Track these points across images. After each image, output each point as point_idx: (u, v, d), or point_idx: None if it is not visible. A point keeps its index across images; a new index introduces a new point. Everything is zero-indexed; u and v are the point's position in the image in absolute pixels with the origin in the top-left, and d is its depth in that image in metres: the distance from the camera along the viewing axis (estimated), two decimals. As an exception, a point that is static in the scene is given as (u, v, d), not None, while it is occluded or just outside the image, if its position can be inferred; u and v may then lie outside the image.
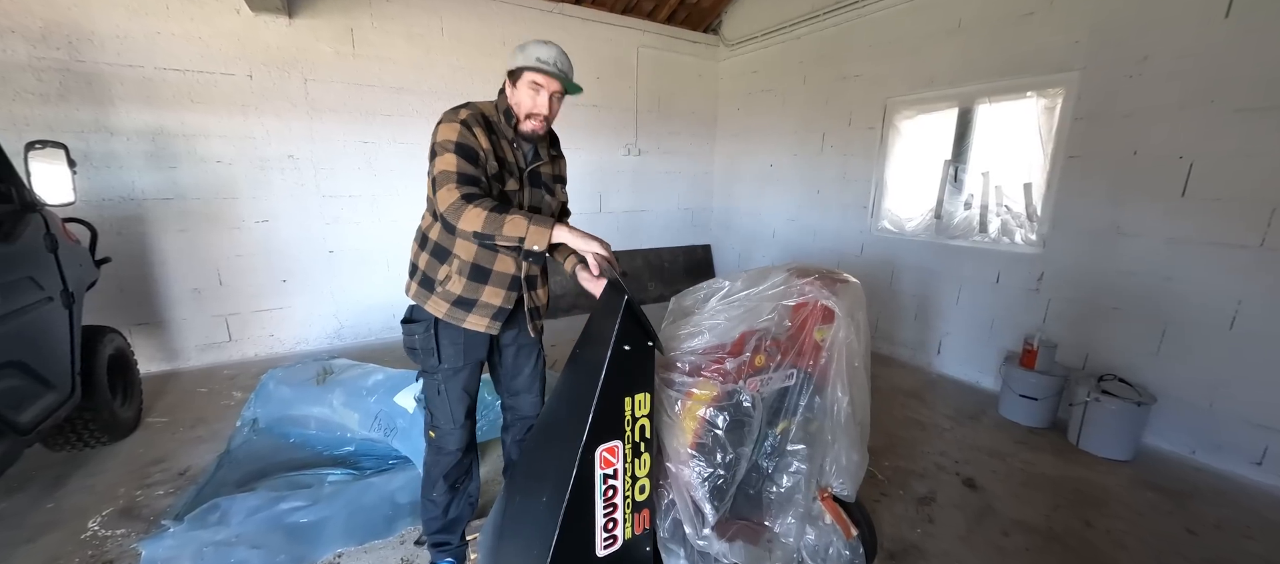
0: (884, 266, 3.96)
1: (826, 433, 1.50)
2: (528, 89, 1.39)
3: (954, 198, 3.49)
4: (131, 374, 2.65)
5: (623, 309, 1.22)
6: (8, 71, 2.78)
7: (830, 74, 4.24)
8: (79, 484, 2.15)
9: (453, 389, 1.51)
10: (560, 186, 1.62)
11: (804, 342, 1.50)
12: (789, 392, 1.49)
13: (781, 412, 1.48)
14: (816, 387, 1.51)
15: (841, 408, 1.47)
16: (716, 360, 1.45)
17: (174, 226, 3.29)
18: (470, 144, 1.35)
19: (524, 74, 1.38)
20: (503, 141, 1.44)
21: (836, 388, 1.48)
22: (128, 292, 3.22)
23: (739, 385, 1.40)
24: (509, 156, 1.45)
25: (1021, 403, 2.82)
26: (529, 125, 1.43)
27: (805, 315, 1.51)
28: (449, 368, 1.49)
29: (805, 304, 1.50)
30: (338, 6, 3.54)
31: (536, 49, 1.37)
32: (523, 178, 1.47)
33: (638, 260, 5.29)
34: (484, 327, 1.48)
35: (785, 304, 1.51)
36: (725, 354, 1.46)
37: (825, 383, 1.50)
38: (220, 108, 3.30)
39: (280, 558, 1.74)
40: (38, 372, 1.86)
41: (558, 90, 1.42)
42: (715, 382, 1.41)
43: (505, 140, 1.44)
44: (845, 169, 4.21)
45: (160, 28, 3.08)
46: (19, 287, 1.82)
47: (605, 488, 1.25)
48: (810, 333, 1.51)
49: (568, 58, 1.43)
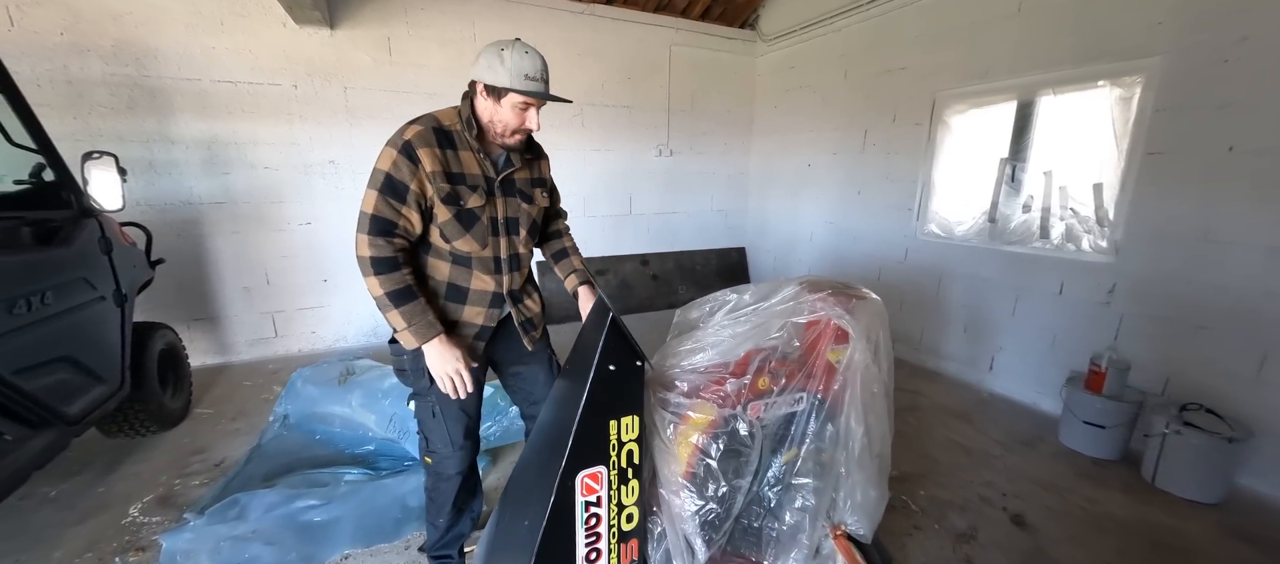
0: (930, 274, 3.67)
1: (840, 465, 1.36)
2: (515, 110, 1.28)
3: (1011, 200, 3.18)
4: (182, 368, 2.83)
5: (608, 327, 1.14)
6: (84, 88, 3.05)
7: (873, 67, 3.98)
8: (128, 470, 2.31)
9: (449, 410, 1.43)
10: (540, 191, 1.50)
11: (815, 363, 1.37)
12: (796, 418, 1.36)
13: (788, 439, 1.35)
14: (829, 413, 1.37)
15: (856, 439, 1.33)
16: (717, 381, 1.35)
17: (227, 229, 3.51)
18: (399, 178, 1.24)
19: (509, 94, 1.26)
20: (464, 153, 1.32)
21: (851, 416, 1.34)
22: (186, 289, 3.46)
23: (737, 411, 1.30)
24: (472, 168, 1.33)
25: (1086, 431, 2.51)
26: (514, 140, 1.35)
27: (817, 335, 1.38)
28: (442, 389, 1.38)
29: (817, 322, 1.37)
30: (376, 16, 3.67)
31: (520, 63, 1.23)
32: (493, 188, 1.37)
33: (669, 263, 5.19)
34: (481, 320, 1.43)
35: (795, 321, 1.38)
36: (727, 375, 1.35)
37: (838, 410, 1.36)
38: (268, 116, 3.48)
39: (291, 556, 1.79)
40: (87, 366, 2.00)
41: (539, 105, 1.32)
42: (713, 405, 1.31)
43: (468, 151, 1.32)
44: (888, 168, 3.93)
45: (215, 43, 3.29)
46: (72, 286, 1.96)
47: (587, 516, 1.17)
48: (822, 354, 1.37)
49: (542, 60, 1.29)
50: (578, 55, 4.40)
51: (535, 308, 1.57)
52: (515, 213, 1.43)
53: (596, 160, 4.66)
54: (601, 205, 4.79)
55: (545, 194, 1.54)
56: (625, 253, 5.00)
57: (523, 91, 1.24)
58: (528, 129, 1.33)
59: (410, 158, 1.23)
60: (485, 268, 1.40)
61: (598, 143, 4.63)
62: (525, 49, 1.26)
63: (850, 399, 1.32)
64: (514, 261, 1.45)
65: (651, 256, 5.11)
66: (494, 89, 1.26)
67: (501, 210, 1.40)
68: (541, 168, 1.54)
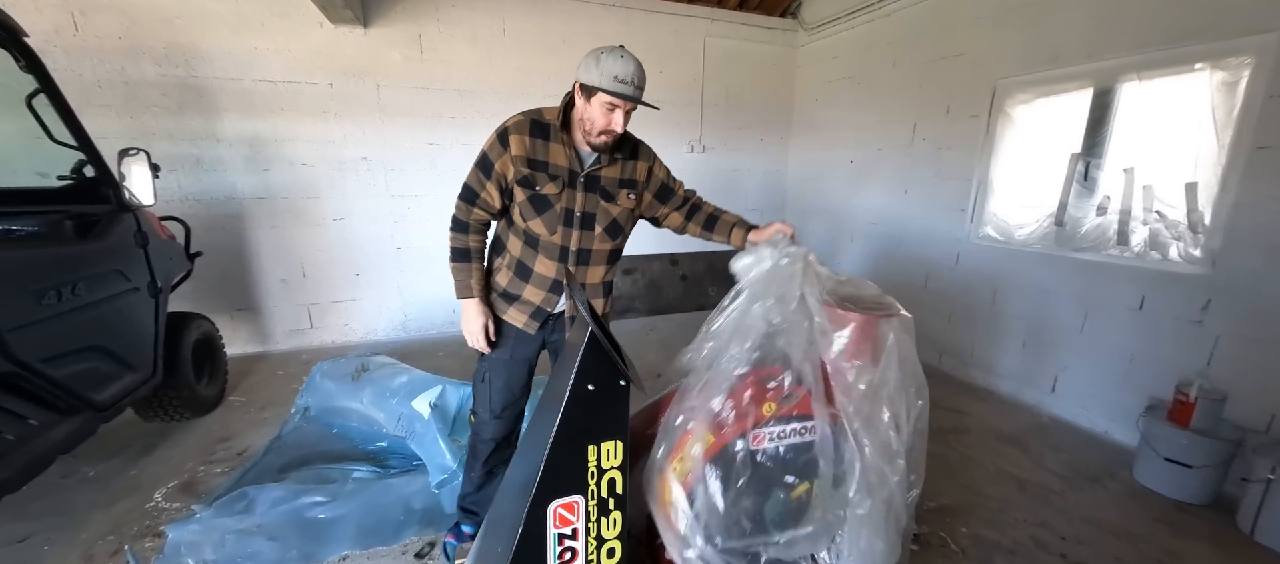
0: (985, 281, 3.33)
1: (858, 506, 1.19)
2: (602, 109, 1.36)
3: (1083, 200, 2.82)
4: (217, 357, 2.95)
5: (585, 341, 1.02)
6: (139, 89, 3.23)
7: (925, 55, 3.65)
8: (161, 455, 2.41)
9: (495, 379, 1.59)
10: (627, 192, 1.53)
11: (834, 387, 1.20)
12: (809, 448, 1.19)
13: (798, 471, 1.19)
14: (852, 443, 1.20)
15: (875, 476, 1.15)
16: (730, 397, 1.20)
17: (266, 223, 3.65)
18: (491, 157, 1.43)
19: (598, 93, 1.34)
20: (553, 145, 1.43)
21: (870, 448, 1.16)
22: (229, 280, 3.63)
23: (738, 438, 1.15)
24: (558, 159, 1.44)
25: (1168, 469, 2.18)
26: (600, 140, 1.41)
27: (839, 354, 1.20)
28: (495, 357, 1.57)
29: (840, 339, 1.19)
30: (408, 14, 3.70)
31: (613, 65, 1.31)
32: (577, 182, 1.45)
33: (700, 264, 5.01)
34: (522, 323, 1.56)
35: (815, 337, 1.21)
36: (733, 393, 1.20)
37: (859, 441, 1.18)
38: (305, 114, 3.59)
39: (292, 553, 1.78)
40: (118, 354, 2.08)
41: (630, 108, 1.38)
42: (709, 429, 1.17)
43: (558, 144, 1.43)
44: (940, 166, 3.60)
45: (257, 43, 3.40)
46: (106, 278, 2.04)
47: (561, 550, 1.06)
48: (845, 376, 1.20)
49: (643, 69, 1.37)
50: (608, 49, 4.29)
51: (596, 305, 1.61)
52: (593, 208, 1.49)
53: (626, 157, 4.53)
54: None
55: (633, 195, 1.55)
56: (654, 252, 4.86)
57: (610, 91, 1.31)
58: (613, 130, 1.38)
59: (502, 141, 1.42)
60: (550, 254, 1.50)
61: (627, 139, 4.50)
62: (621, 54, 1.32)
63: (873, 429, 1.14)
64: (583, 256, 1.53)
65: (681, 257, 4.95)
66: (586, 88, 1.35)
67: (579, 204, 1.47)
68: (636, 169, 1.56)
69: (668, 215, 1.70)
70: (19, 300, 1.64)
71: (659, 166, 1.64)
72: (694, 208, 1.70)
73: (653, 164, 1.61)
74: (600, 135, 1.39)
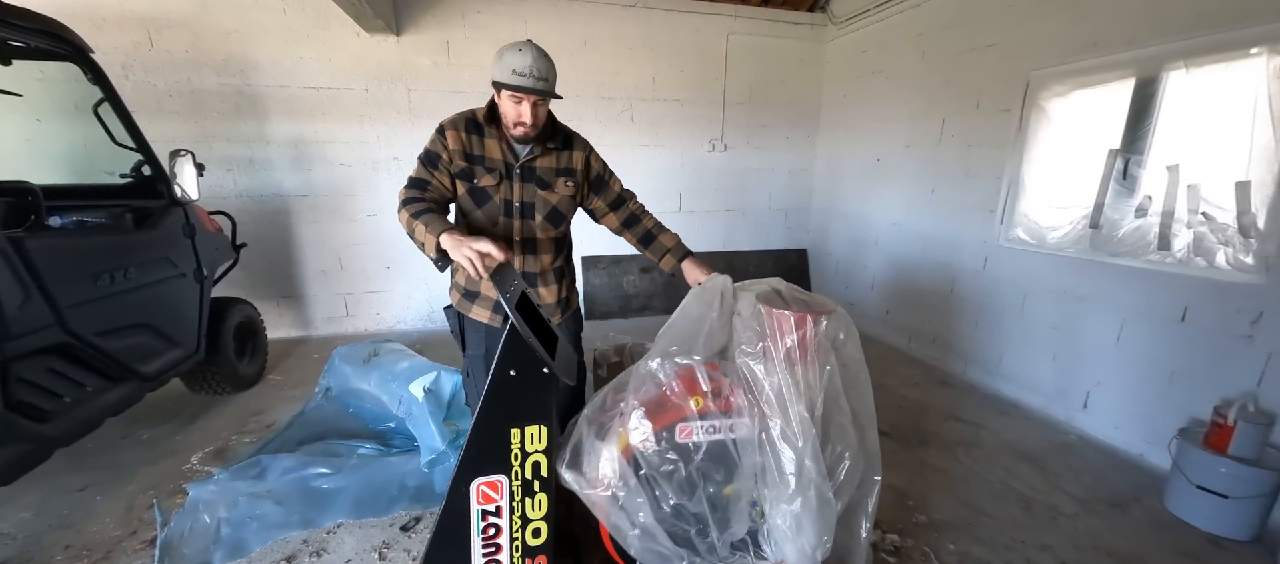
0: (1013, 287, 3.11)
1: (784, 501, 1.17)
2: (509, 101, 1.41)
3: (1121, 200, 2.58)
4: (258, 338, 3.25)
5: (506, 331, 1.08)
6: (202, 97, 3.61)
7: (955, 46, 3.45)
8: (202, 423, 2.69)
9: (477, 375, 1.63)
10: (564, 180, 1.57)
11: (763, 385, 1.19)
12: (736, 446, 1.19)
13: (725, 466, 1.19)
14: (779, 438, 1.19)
15: (800, 470, 1.13)
16: (663, 390, 1.22)
17: (308, 218, 3.97)
18: (434, 149, 1.51)
19: (503, 88, 1.39)
20: (489, 141, 1.49)
21: (803, 443, 1.14)
22: (275, 270, 3.98)
23: (664, 431, 1.16)
24: (494, 153, 1.50)
25: (1201, 499, 1.97)
26: (519, 132, 1.45)
27: (770, 350, 1.19)
28: (472, 354, 1.64)
29: (771, 335, 1.19)
30: (436, 21, 3.91)
31: (511, 59, 1.36)
32: (512, 173, 1.51)
33: (720, 264, 4.90)
34: (487, 319, 1.59)
35: (747, 332, 1.21)
36: (670, 389, 1.22)
37: (786, 437, 1.17)
38: (343, 117, 3.87)
39: (294, 517, 1.95)
40: (164, 332, 2.35)
41: (538, 101, 1.41)
42: (643, 421, 1.19)
43: (493, 139, 1.49)
44: (968, 163, 3.40)
45: (302, 53, 3.71)
46: (155, 264, 2.32)
47: (484, 525, 1.12)
48: (775, 374, 1.19)
49: (547, 59, 1.40)
50: (628, 50, 4.35)
51: (547, 297, 1.65)
52: (531, 198, 1.54)
53: (644, 156, 4.58)
54: (649, 203, 4.55)
55: (571, 183, 1.58)
56: (673, 251, 4.87)
57: (508, 85, 1.37)
58: (525, 122, 1.42)
59: (441, 135, 1.50)
60: None
61: (646, 138, 4.55)
62: (520, 48, 1.37)
63: (788, 428, 1.12)
64: (528, 245, 1.58)
65: (702, 256, 4.92)
66: (495, 84, 1.42)
67: (517, 194, 1.52)
68: (572, 158, 1.60)
69: (604, 213, 1.73)
70: (77, 281, 1.90)
71: (595, 158, 1.67)
72: (633, 217, 1.74)
73: (588, 154, 1.64)
74: (516, 128, 1.44)
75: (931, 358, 3.71)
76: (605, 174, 1.69)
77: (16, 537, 1.86)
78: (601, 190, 1.69)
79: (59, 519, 1.95)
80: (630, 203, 1.74)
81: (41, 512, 1.99)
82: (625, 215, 1.73)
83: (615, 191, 1.71)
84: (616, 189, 1.72)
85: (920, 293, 3.84)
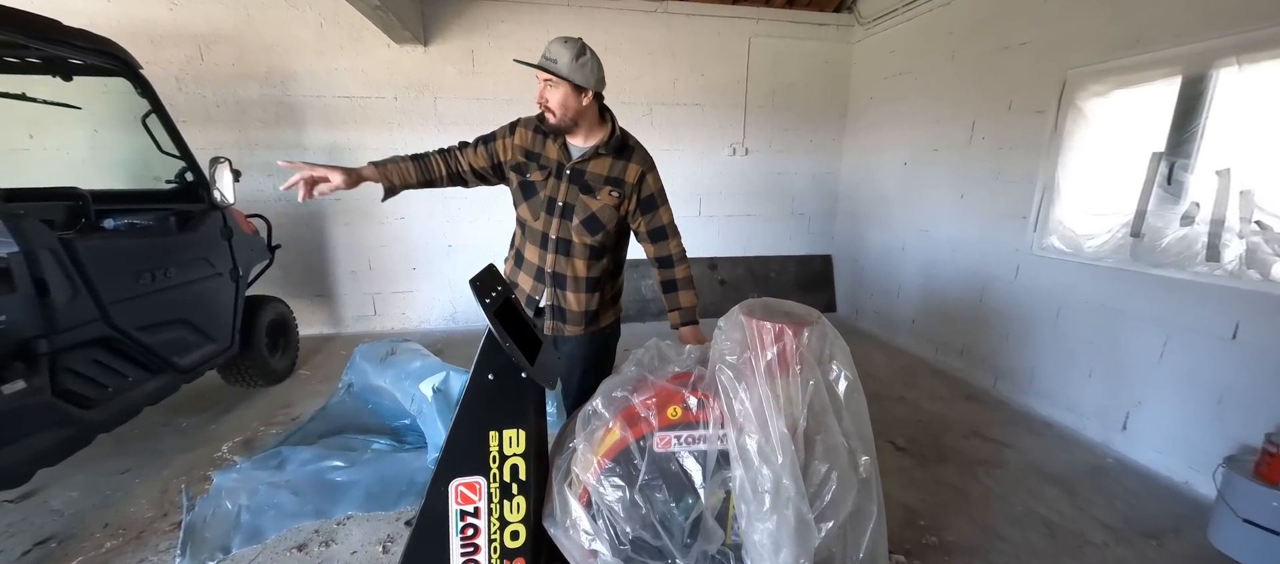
0: (1047, 298, 2.94)
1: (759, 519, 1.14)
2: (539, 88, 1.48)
3: (1165, 208, 2.40)
4: (290, 335, 3.42)
5: (485, 335, 1.10)
6: (246, 106, 3.84)
7: (987, 44, 3.30)
8: (235, 415, 2.86)
9: None
10: (610, 189, 1.55)
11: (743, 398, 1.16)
12: (719, 458, 1.17)
13: (702, 479, 1.17)
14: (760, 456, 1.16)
15: (778, 488, 1.10)
16: (642, 398, 1.22)
17: (340, 221, 4.17)
18: (496, 132, 1.64)
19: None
20: (549, 141, 1.57)
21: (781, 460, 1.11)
22: (310, 270, 4.19)
23: (641, 440, 1.16)
24: (551, 154, 1.56)
25: (1249, 534, 1.80)
26: (544, 119, 1.50)
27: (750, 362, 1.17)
28: None
29: (751, 347, 1.16)
30: (462, 32, 4.03)
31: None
32: (562, 172, 1.55)
33: (740, 269, 4.91)
34: None
35: (727, 342, 1.19)
36: (646, 395, 1.22)
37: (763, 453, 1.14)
38: (374, 125, 4.05)
39: (308, 507, 2.05)
40: (200, 327, 2.51)
41: (545, 78, 1.44)
42: (619, 429, 1.19)
43: (551, 139, 1.56)
44: (1000, 167, 3.24)
45: (337, 64, 3.90)
46: (194, 264, 2.48)
47: (463, 526, 1.15)
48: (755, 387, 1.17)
49: (562, 45, 1.43)
50: (649, 55, 4.36)
51: (574, 304, 1.62)
52: (572, 200, 1.55)
53: (664, 160, 4.43)
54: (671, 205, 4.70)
55: (616, 194, 1.56)
56: (692, 255, 4.83)
57: (530, 64, 1.45)
58: (540, 100, 1.47)
59: (511, 128, 1.62)
60: (535, 239, 1.61)
61: (666, 142, 4.54)
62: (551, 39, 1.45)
63: (766, 443, 1.09)
64: (562, 245, 1.58)
65: (721, 261, 4.88)
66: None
67: (562, 193, 1.55)
68: (627, 170, 1.58)
69: (642, 238, 1.68)
70: (120, 280, 2.05)
71: (652, 178, 1.62)
72: (666, 259, 1.68)
73: (646, 172, 1.60)
74: (544, 114, 1.50)
75: (959, 370, 3.54)
76: (658, 199, 1.64)
77: (64, 514, 2.02)
78: (647, 213, 1.63)
79: (102, 499, 2.11)
80: (671, 243, 1.67)
81: (87, 491, 2.16)
82: (660, 252, 1.68)
83: (661, 222, 1.65)
84: (663, 220, 1.65)
85: (948, 302, 3.68)
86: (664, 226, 1.66)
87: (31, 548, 1.83)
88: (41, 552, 1.82)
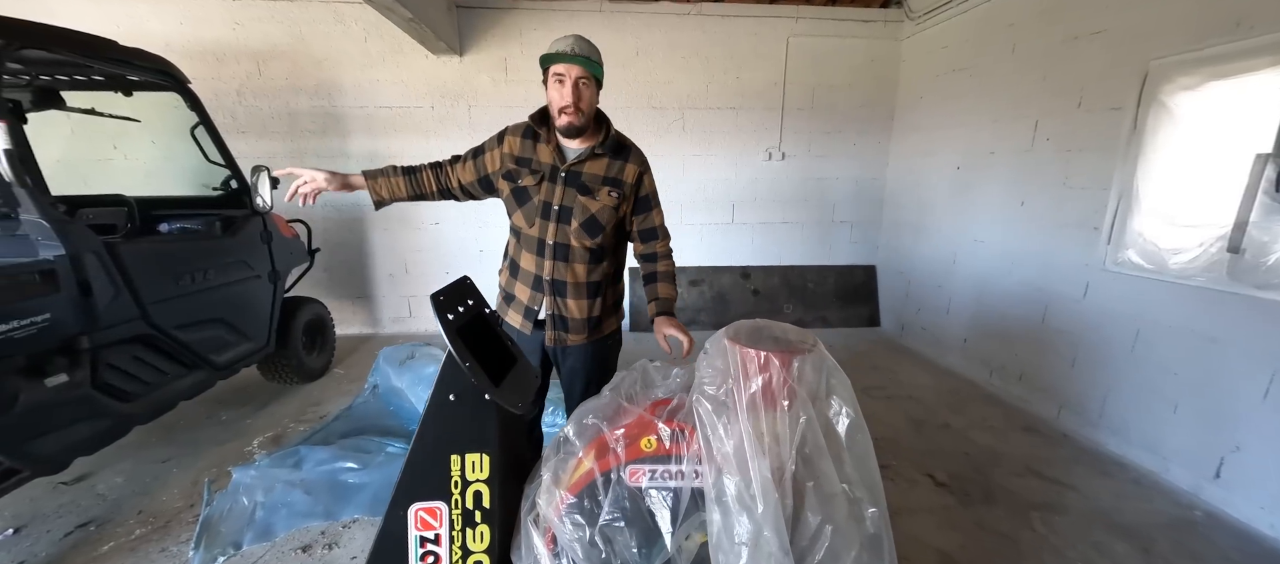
0: (1123, 321, 2.58)
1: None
2: (554, 85, 1.41)
3: (1273, 219, 2.03)
4: (326, 335, 3.57)
5: (445, 355, 1.05)
6: (297, 117, 4.07)
7: (1053, 35, 2.97)
8: (270, 410, 3.00)
9: None
10: (608, 190, 1.52)
11: (722, 433, 1.04)
12: (693, 497, 1.05)
13: (679, 524, 1.06)
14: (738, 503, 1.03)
15: (760, 544, 0.97)
16: (618, 427, 1.13)
17: (380, 226, 4.33)
18: (484, 145, 1.60)
19: (547, 72, 1.41)
20: (541, 146, 1.51)
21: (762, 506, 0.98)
22: (352, 272, 4.38)
23: (609, 473, 1.06)
24: (543, 157, 1.51)
25: (1383, 621, 1.46)
26: (563, 120, 1.43)
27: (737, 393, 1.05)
28: None
29: (735, 378, 1.04)
30: (495, 41, 4.10)
31: (555, 43, 1.39)
32: (557, 175, 1.50)
33: (774, 278, 4.69)
34: (518, 324, 1.60)
35: (709, 371, 1.08)
36: (624, 423, 1.12)
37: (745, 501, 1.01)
38: (411, 133, 4.18)
39: (319, 508, 2.09)
40: (237, 326, 2.65)
41: (581, 75, 1.39)
42: (591, 461, 1.10)
43: (545, 144, 1.51)
44: (1067, 171, 2.89)
45: (379, 76, 4.07)
46: (233, 266, 2.62)
47: (423, 552, 1.10)
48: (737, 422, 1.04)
49: (589, 42, 1.40)
50: (681, 59, 4.26)
51: (576, 311, 1.57)
52: (570, 202, 1.50)
53: (696, 166, 4.45)
54: (699, 213, 4.57)
55: (615, 194, 1.53)
56: (723, 264, 4.68)
57: (550, 59, 1.38)
58: (568, 103, 1.39)
59: (499, 138, 1.58)
60: (531, 247, 1.55)
61: (698, 147, 4.42)
62: (566, 36, 1.39)
63: (744, 486, 0.97)
64: (560, 250, 1.53)
65: (754, 270, 4.69)
66: (542, 65, 1.43)
67: (557, 197, 1.49)
68: (625, 170, 1.56)
69: (633, 235, 1.69)
70: (161, 281, 2.19)
71: (648, 178, 1.62)
72: (653, 254, 1.69)
73: (643, 172, 1.60)
74: (561, 115, 1.41)
75: (1017, 398, 3.19)
76: (653, 200, 1.65)
77: (107, 498, 2.17)
78: (641, 213, 1.64)
79: (141, 486, 2.25)
80: (659, 243, 1.69)
81: (130, 478, 2.31)
82: (647, 250, 1.69)
83: (653, 223, 1.67)
84: (655, 221, 1.67)
85: (1006, 321, 3.33)
86: (655, 228, 1.68)
87: (73, 530, 1.97)
88: (81, 534, 1.95)
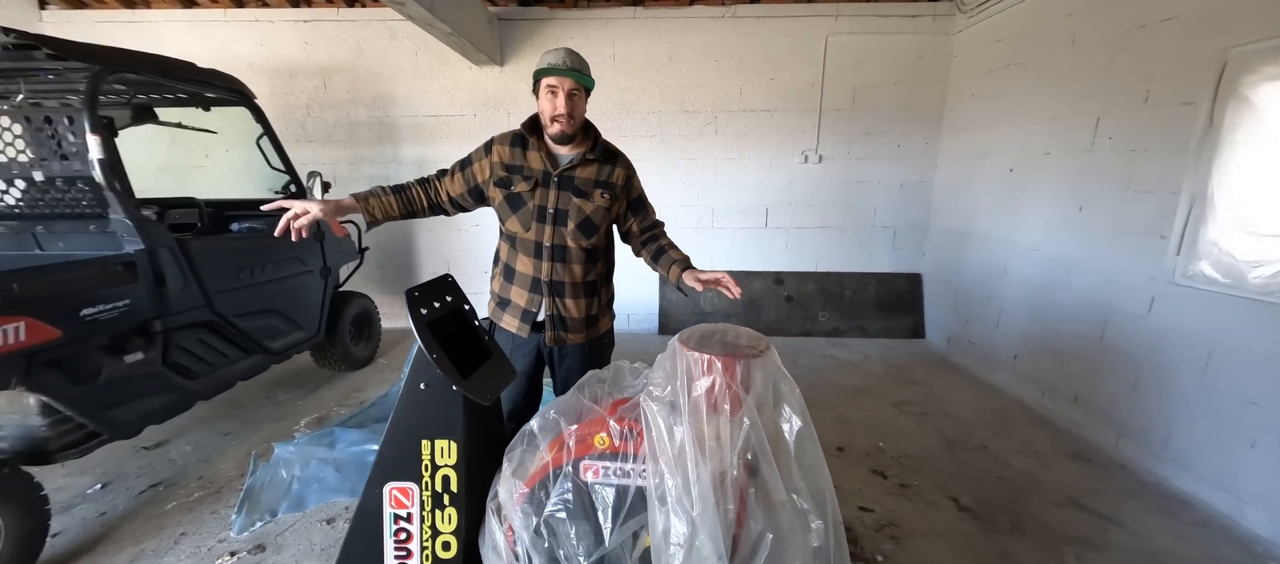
0: (1194, 341, 2.30)
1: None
2: (546, 95, 1.48)
3: (1377, 229, 1.74)
4: (373, 327, 3.86)
5: (414, 347, 1.13)
6: (356, 127, 4.44)
7: (1117, 24, 2.70)
8: (318, 394, 3.29)
9: None
10: (601, 192, 1.59)
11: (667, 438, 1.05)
12: (637, 496, 1.07)
13: (619, 521, 1.08)
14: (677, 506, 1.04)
15: (694, 550, 0.97)
16: (577, 422, 1.17)
17: (425, 228, 4.63)
18: (472, 156, 1.65)
19: (539, 83, 1.49)
20: (531, 153, 1.56)
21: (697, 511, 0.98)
22: (401, 270, 4.71)
23: (563, 467, 1.10)
24: (534, 164, 1.56)
25: None
26: (555, 128, 1.50)
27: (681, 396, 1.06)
28: None
29: (681, 379, 1.05)
30: (534, 49, 4.27)
31: (547, 57, 1.48)
32: (550, 181, 1.55)
33: (809, 285, 4.54)
34: (515, 328, 1.65)
35: (658, 373, 1.10)
36: (577, 422, 1.16)
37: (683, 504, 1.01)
38: (455, 140, 4.44)
39: (346, 484, 2.27)
40: (290, 316, 2.94)
41: (573, 86, 1.47)
42: (549, 453, 1.14)
43: (535, 151, 1.56)
44: (1131, 174, 2.61)
45: (428, 87, 4.36)
46: (288, 262, 2.92)
47: (396, 529, 1.18)
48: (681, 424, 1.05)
49: (579, 55, 1.49)
50: (714, 62, 4.24)
51: (574, 310, 1.63)
52: (565, 205, 1.56)
53: (728, 169, 4.41)
54: (732, 217, 4.52)
55: (608, 195, 1.60)
56: (757, 269, 4.59)
57: (542, 72, 1.46)
58: (561, 113, 1.47)
59: (486, 148, 1.62)
60: (527, 250, 1.59)
61: (731, 151, 4.37)
62: (554, 49, 1.49)
63: (683, 491, 0.97)
64: (557, 252, 1.58)
65: (788, 276, 4.56)
66: (534, 77, 1.51)
67: (552, 200, 1.55)
68: (614, 174, 1.63)
69: (635, 236, 1.77)
70: (224, 273, 2.47)
71: (636, 179, 1.72)
72: (653, 238, 1.76)
73: (631, 174, 1.69)
74: (553, 123, 1.48)
75: (1070, 422, 2.90)
76: (645, 198, 1.76)
77: (176, 463, 2.47)
78: (638, 213, 1.74)
79: (205, 455, 2.55)
80: (657, 229, 1.78)
81: (198, 447, 2.62)
82: (653, 233, 1.77)
83: (652, 218, 1.77)
84: (652, 216, 1.78)
85: (1060, 337, 3.05)
86: (654, 222, 1.78)
87: (146, 489, 2.27)
88: (152, 493, 2.25)
